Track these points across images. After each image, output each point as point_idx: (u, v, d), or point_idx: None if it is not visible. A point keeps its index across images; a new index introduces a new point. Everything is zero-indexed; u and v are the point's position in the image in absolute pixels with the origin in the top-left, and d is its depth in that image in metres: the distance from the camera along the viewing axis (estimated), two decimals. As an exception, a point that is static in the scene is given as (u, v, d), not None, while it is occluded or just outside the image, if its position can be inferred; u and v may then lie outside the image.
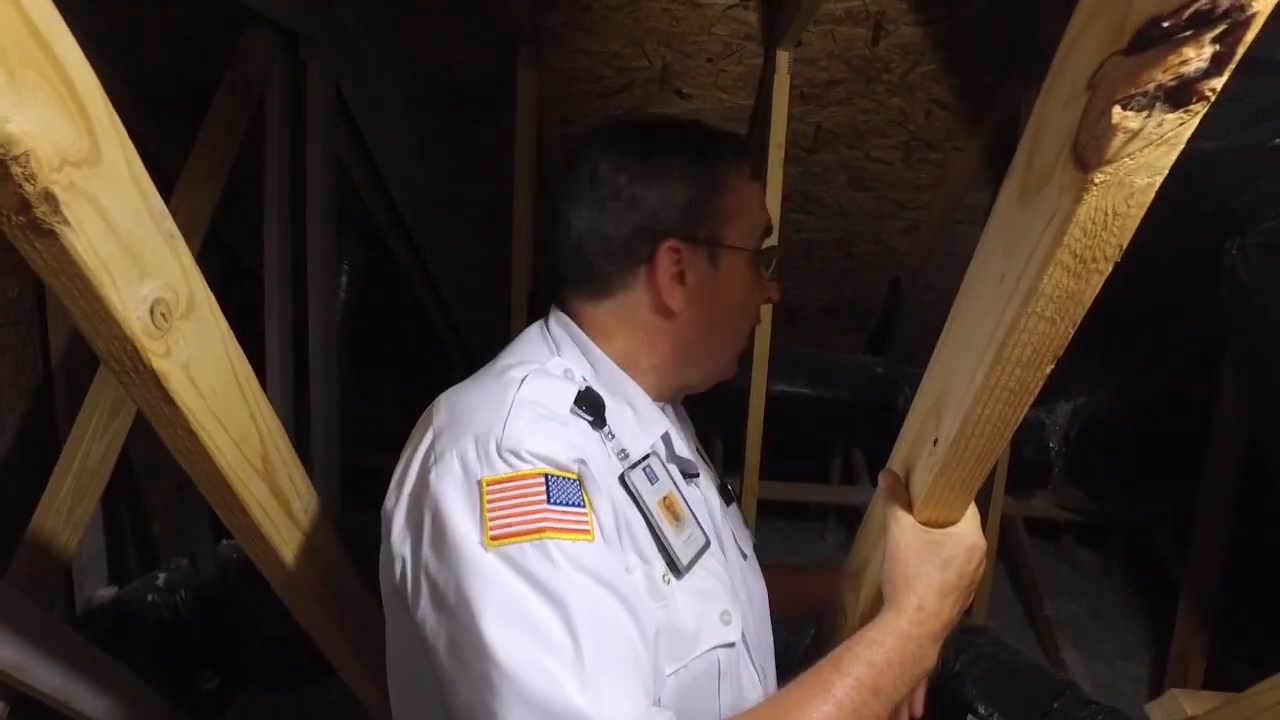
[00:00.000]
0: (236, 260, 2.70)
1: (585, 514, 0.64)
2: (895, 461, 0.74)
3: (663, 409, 0.85)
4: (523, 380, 0.71)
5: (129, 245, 0.57)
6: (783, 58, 1.89)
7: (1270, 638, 2.04)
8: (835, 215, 2.57)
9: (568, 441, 0.68)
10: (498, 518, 0.62)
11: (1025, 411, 0.57)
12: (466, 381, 0.76)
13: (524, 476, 0.64)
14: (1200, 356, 2.19)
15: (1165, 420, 2.50)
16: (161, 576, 1.59)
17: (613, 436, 0.74)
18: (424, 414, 0.74)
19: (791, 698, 0.63)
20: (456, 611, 0.61)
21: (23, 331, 2.04)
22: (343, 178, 2.45)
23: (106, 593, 1.58)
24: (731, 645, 0.75)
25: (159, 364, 0.61)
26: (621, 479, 0.72)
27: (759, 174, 0.87)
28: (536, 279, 2.19)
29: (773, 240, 0.88)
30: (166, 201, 0.62)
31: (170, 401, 0.64)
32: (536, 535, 0.62)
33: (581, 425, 0.71)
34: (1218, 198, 1.07)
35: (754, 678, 0.79)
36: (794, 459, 3.06)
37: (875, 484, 0.76)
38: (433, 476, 0.65)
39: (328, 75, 2.03)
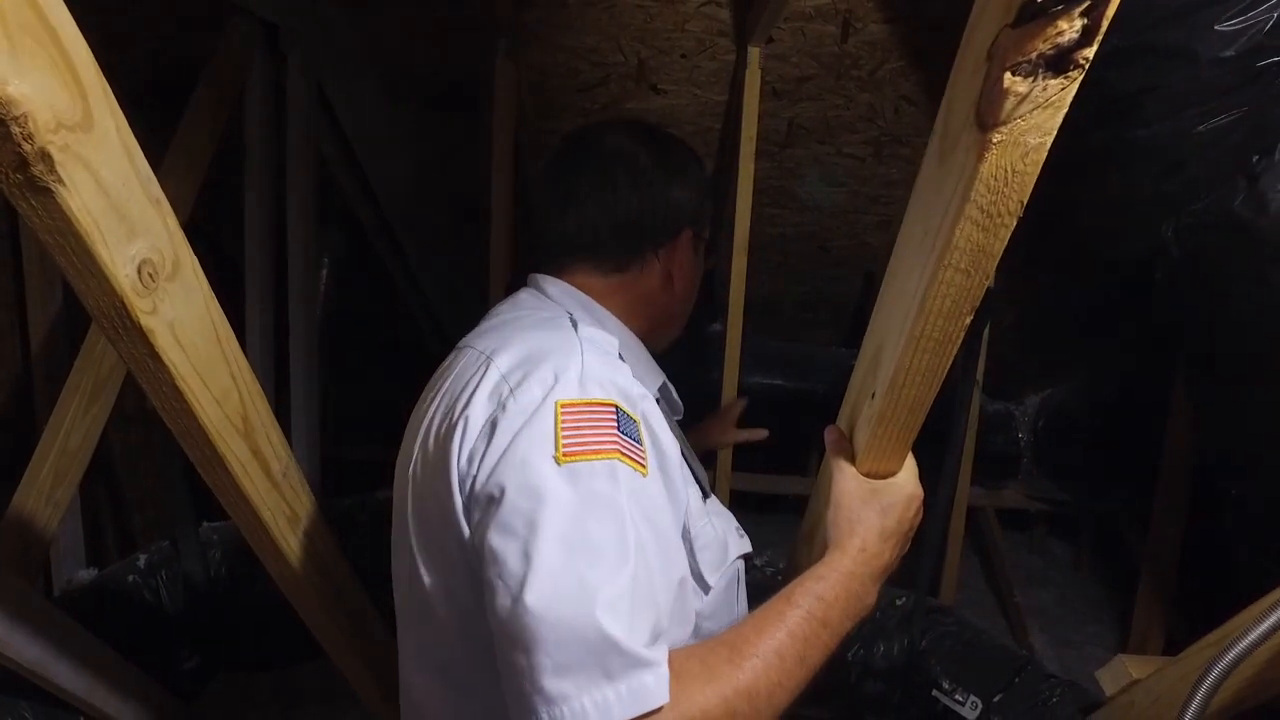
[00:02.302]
0: (218, 252, 2.72)
1: (644, 450, 0.70)
2: (841, 419, 0.79)
3: None
4: (575, 324, 0.80)
5: (118, 206, 0.61)
6: (754, 53, 1.95)
7: (1226, 617, 2.11)
8: (809, 210, 2.63)
9: (631, 380, 0.75)
10: (571, 437, 0.66)
11: (950, 362, 0.62)
12: (498, 335, 0.81)
13: (599, 404, 0.69)
14: (1161, 346, 2.26)
15: (1129, 409, 2.58)
16: (142, 558, 1.61)
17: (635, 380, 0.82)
18: (462, 361, 0.79)
19: (748, 626, 0.68)
20: (518, 524, 0.64)
21: (2, 322, 2.05)
22: (324, 171, 2.48)
23: (86, 574, 1.60)
24: (746, 555, 0.88)
25: (146, 321, 0.65)
26: None
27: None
28: (515, 272, 2.23)
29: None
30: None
31: (156, 357, 0.68)
32: (606, 455, 0.66)
33: (628, 369, 0.78)
34: (1153, 182, 1.14)
35: None
36: (770, 451, 3.11)
37: None
38: (510, 401, 0.70)
39: (308, 68, 2.06)
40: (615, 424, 0.68)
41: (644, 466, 0.68)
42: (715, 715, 0.60)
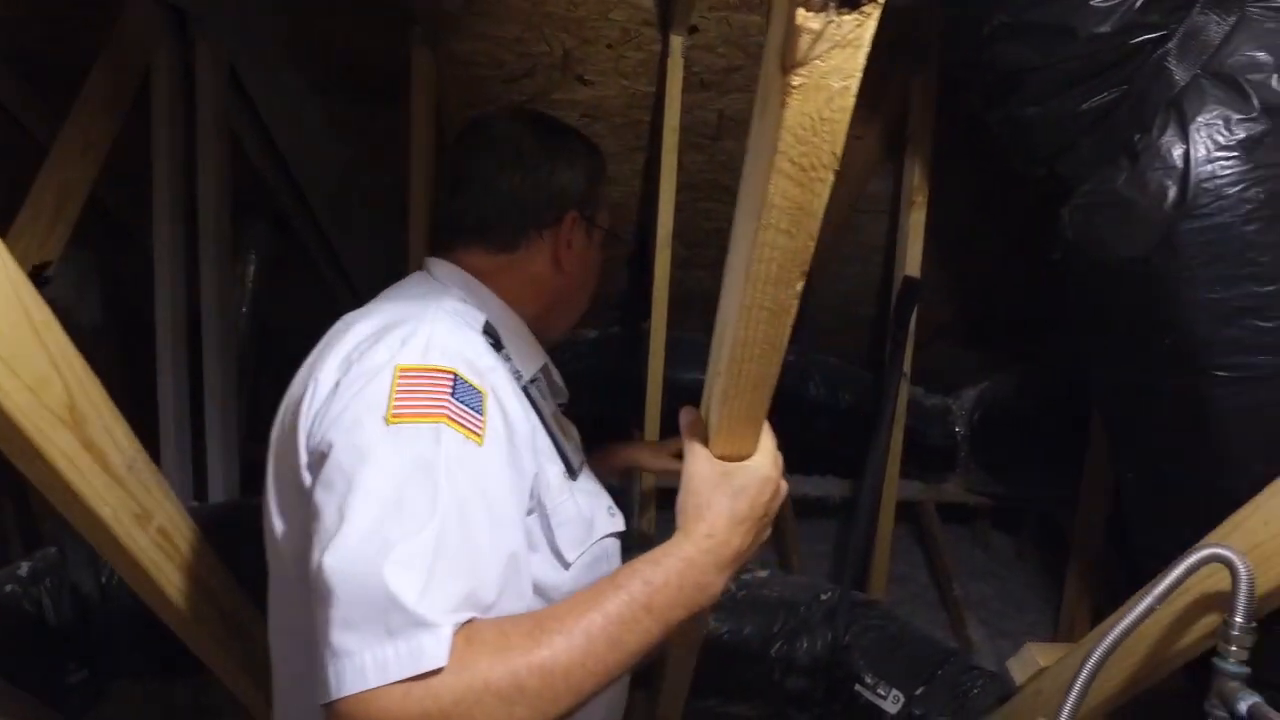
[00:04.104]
0: (136, 244, 2.61)
1: (483, 421, 0.70)
2: (703, 402, 0.76)
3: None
4: (440, 299, 0.84)
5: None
6: (676, 42, 1.92)
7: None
8: (744, 204, 2.61)
9: (483, 351, 0.78)
10: (403, 400, 0.67)
11: (788, 333, 0.59)
12: (370, 309, 0.84)
13: (437, 370, 0.71)
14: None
15: (1062, 401, 2.60)
16: (25, 566, 1.51)
17: (509, 359, 0.85)
18: (328, 337, 0.81)
19: (565, 604, 0.65)
20: (338, 480, 0.64)
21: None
22: (246, 164, 2.39)
23: (-39, 584, 1.51)
24: (618, 535, 0.91)
25: (-80, 295, 0.59)
26: (524, 390, 0.83)
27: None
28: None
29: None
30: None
31: (-64, 336, 0.62)
32: (433, 419, 0.67)
33: (487, 344, 0.82)
34: (1047, 163, 1.13)
35: None
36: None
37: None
38: (356, 364, 0.72)
39: (219, 55, 1.99)
40: (450, 391, 0.69)
41: (479, 435, 0.68)
42: (500, 686, 0.58)
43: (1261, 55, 1.04)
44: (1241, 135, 1.01)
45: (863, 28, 0.42)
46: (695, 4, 1.83)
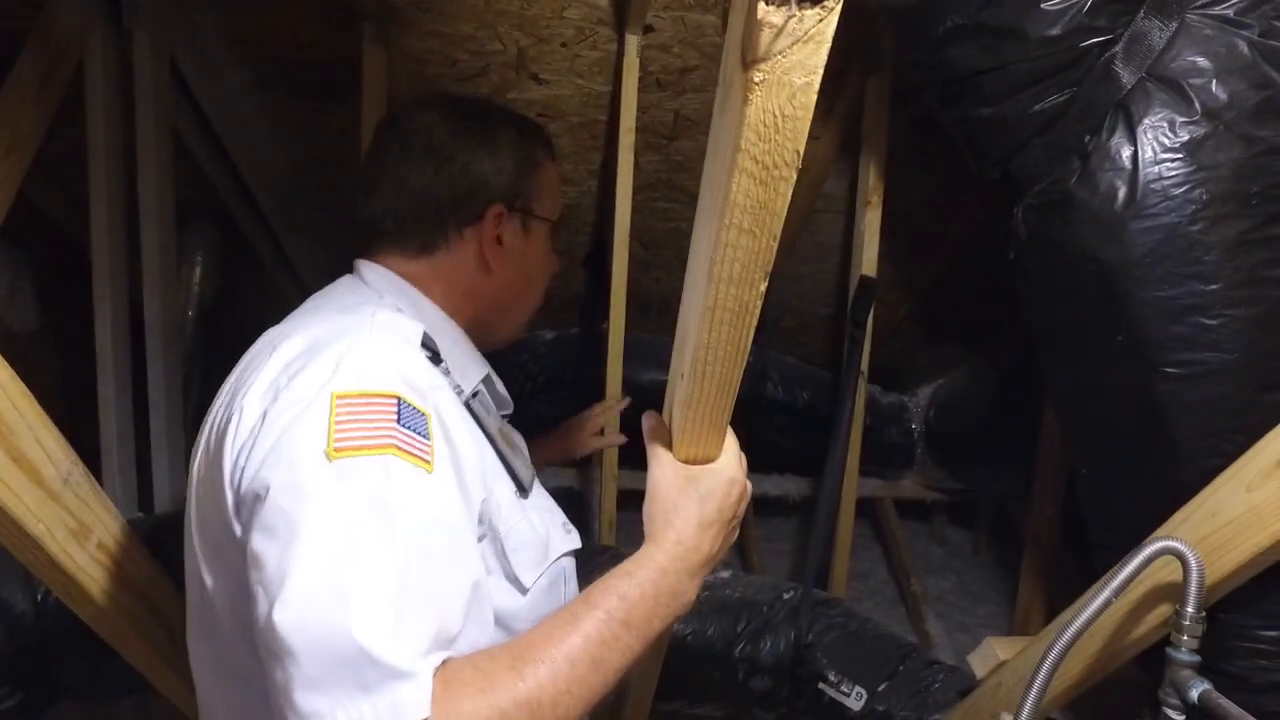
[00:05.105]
0: (73, 244, 2.51)
1: (430, 446, 0.65)
2: (665, 407, 0.75)
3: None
4: (374, 312, 0.76)
5: None
6: (631, 41, 1.92)
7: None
8: (702, 204, 2.61)
9: (423, 369, 0.72)
10: (344, 431, 0.61)
11: (751, 334, 0.58)
12: (295, 323, 0.77)
13: (378, 395, 0.64)
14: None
15: (1016, 397, 2.66)
16: (-46, 584, 1.44)
17: (448, 373, 0.78)
18: (251, 356, 0.74)
19: (539, 630, 0.62)
20: (279, 526, 0.59)
21: None
22: (191, 162, 2.32)
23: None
24: (572, 553, 0.86)
25: None
26: (466, 405, 0.77)
27: (557, 157, 0.98)
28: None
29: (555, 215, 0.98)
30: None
31: None
32: (380, 450, 0.61)
33: (427, 359, 0.75)
34: (1001, 164, 1.15)
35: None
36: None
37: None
38: (285, 391, 0.65)
39: (158, 48, 1.91)
40: (395, 417, 0.63)
41: (428, 463, 0.63)
42: None
43: (1201, 61, 1.07)
44: (1185, 138, 1.04)
45: (825, 22, 0.42)
46: (650, 3, 1.82)
